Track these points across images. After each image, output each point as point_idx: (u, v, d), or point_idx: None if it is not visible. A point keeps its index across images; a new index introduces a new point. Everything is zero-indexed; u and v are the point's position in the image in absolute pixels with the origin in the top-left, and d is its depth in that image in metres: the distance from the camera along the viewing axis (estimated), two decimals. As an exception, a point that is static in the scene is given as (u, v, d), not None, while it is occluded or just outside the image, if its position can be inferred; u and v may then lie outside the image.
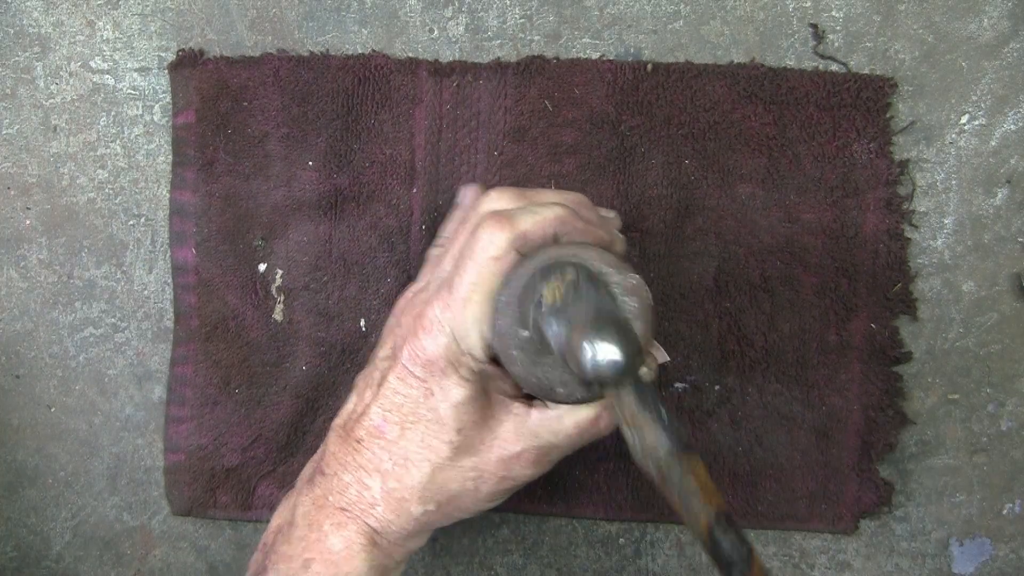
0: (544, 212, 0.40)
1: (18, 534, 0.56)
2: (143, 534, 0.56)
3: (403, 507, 0.41)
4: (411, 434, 0.41)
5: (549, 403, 0.42)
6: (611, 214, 0.49)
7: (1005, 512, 0.54)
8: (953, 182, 0.53)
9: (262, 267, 0.54)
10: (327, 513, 0.42)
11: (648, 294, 0.39)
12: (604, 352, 0.35)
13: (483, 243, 0.39)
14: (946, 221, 0.53)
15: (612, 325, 0.36)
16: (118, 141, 0.54)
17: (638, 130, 0.52)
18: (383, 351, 0.44)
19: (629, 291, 0.39)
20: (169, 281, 0.55)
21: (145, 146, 0.54)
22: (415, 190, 0.53)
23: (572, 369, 0.37)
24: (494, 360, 0.41)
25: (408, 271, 0.53)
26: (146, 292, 0.55)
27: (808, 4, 0.52)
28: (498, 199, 0.43)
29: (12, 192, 0.55)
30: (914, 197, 0.53)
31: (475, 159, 0.53)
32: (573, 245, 0.40)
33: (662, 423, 0.36)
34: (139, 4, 0.54)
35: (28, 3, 0.54)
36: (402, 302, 0.46)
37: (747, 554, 0.36)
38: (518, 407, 0.42)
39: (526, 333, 0.38)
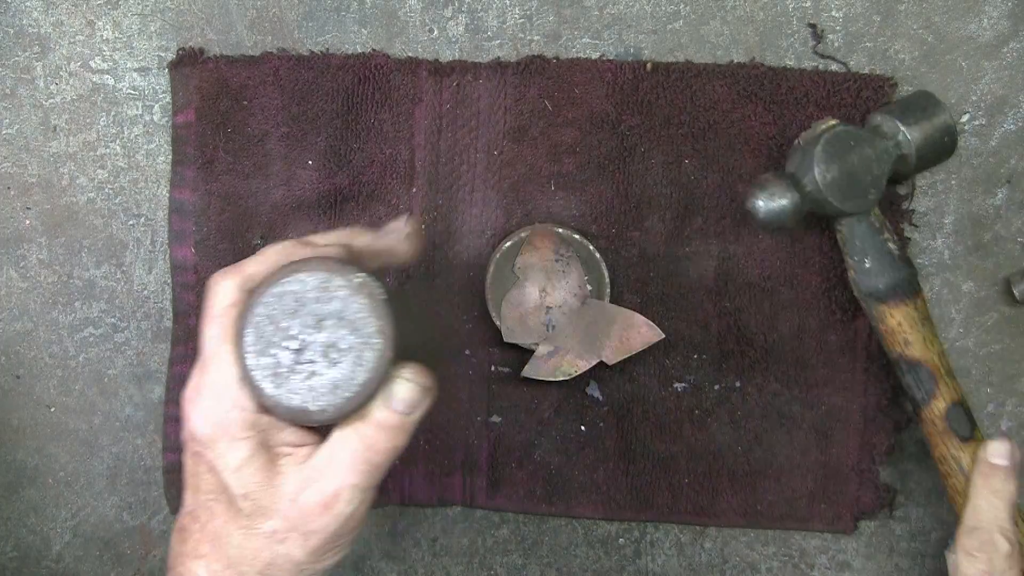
0: (266, 250, 0.40)
1: (18, 534, 0.56)
2: (143, 534, 0.56)
3: None
4: (215, 510, 0.40)
5: (327, 437, 0.39)
6: (400, 222, 0.45)
7: (1005, 512, 0.54)
8: (953, 182, 0.53)
9: (262, 267, 0.54)
10: None
11: (379, 290, 0.38)
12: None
13: (217, 297, 0.39)
14: (946, 221, 0.53)
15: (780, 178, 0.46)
16: (118, 141, 0.54)
17: (638, 130, 0.52)
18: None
19: (355, 291, 0.37)
20: (169, 281, 0.55)
21: (145, 146, 0.54)
22: (415, 190, 0.53)
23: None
24: (265, 408, 0.38)
25: (407, 271, 0.53)
26: (146, 292, 0.55)
27: (808, 4, 0.52)
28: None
29: (12, 192, 0.55)
30: (914, 197, 0.53)
31: (475, 159, 0.53)
32: (294, 263, 0.38)
33: (883, 258, 0.41)
34: (139, 4, 0.54)
35: (28, 3, 0.54)
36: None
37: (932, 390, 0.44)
38: (300, 452, 0.40)
39: (269, 357, 0.37)
